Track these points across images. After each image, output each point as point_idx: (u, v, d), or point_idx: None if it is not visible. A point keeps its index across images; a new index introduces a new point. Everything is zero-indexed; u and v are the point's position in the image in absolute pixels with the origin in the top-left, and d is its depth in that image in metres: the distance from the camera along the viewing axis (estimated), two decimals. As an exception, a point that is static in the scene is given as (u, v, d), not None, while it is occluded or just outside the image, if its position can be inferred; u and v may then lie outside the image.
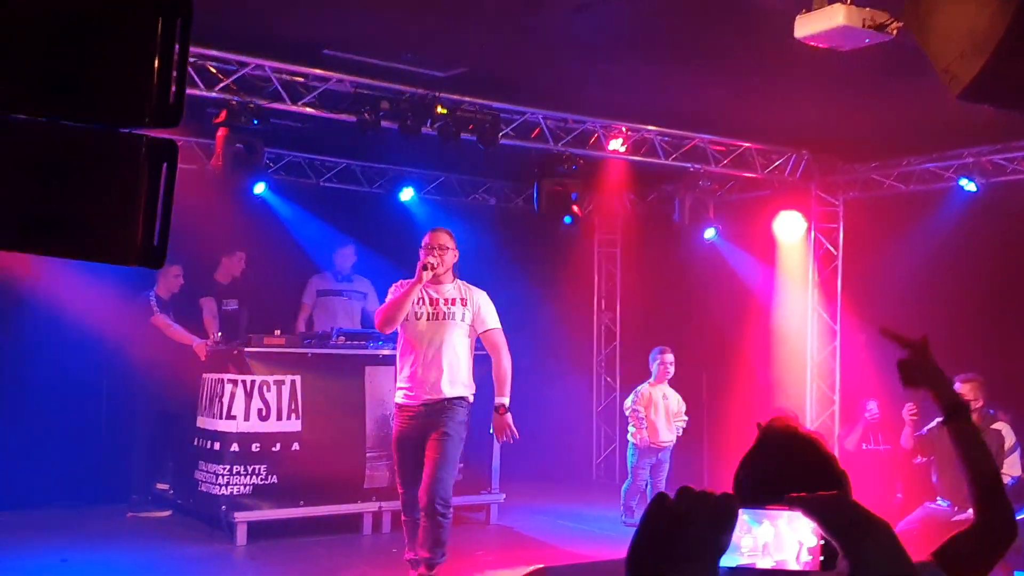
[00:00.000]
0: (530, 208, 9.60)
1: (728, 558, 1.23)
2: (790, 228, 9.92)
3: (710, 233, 9.96)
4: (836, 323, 9.78)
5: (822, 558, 1.31)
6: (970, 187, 8.60)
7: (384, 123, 7.56)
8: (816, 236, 9.87)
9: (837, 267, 9.76)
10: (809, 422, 9.78)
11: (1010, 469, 6.99)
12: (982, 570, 2.13)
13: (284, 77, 7.33)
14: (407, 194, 10.45)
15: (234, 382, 7.57)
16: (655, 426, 8.79)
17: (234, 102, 7.23)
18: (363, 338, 8.25)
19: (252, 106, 7.28)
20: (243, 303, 9.18)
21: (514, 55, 7.08)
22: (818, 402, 9.86)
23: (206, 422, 7.77)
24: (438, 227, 6.44)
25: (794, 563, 1.32)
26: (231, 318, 9.00)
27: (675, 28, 6.31)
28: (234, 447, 7.48)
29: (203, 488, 7.64)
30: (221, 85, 7.16)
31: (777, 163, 9.63)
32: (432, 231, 6.35)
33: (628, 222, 11.75)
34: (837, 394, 9.74)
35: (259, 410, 7.57)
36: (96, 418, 8.91)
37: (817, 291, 9.89)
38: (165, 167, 1.54)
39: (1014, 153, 8.47)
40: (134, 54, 1.50)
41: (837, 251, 9.78)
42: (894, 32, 5.25)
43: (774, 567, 1.33)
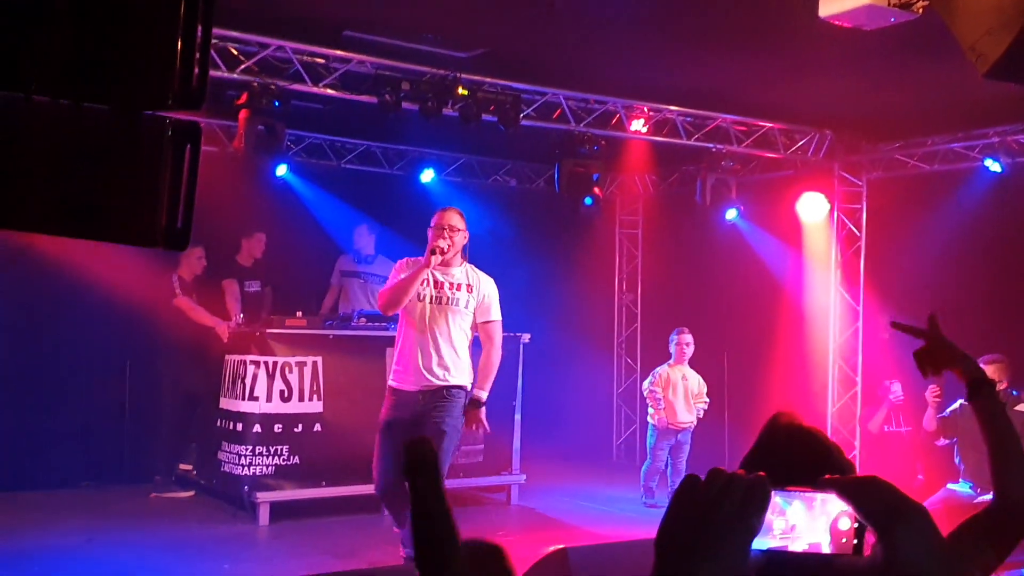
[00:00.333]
0: (551, 189, 9.59)
1: (760, 540, 1.22)
2: (813, 209, 9.84)
3: (732, 214, 9.89)
4: (859, 304, 9.71)
5: (855, 541, 1.30)
6: (995, 167, 8.50)
7: (405, 104, 7.52)
8: (839, 217, 9.79)
9: (860, 248, 9.70)
10: (831, 403, 9.76)
11: (1034, 449, 6.94)
12: (1002, 550, 2.05)
13: (305, 59, 7.32)
14: (428, 175, 10.44)
15: (256, 363, 7.62)
16: (673, 407, 8.78)
17: (255, 84, 7.24)
18: (384, 320, 8.26)
19: (273, 88, 7.29)
20: (265, 284, 9.22)
21: (535, 35, 7.04)
22: (840, 383, 9.82)
23: (229, 403, 7.83)
24: (449, 206, 6.13)
25: (827, 546, 1.31)
26: (253, 300, 9.03)
27: (697, 7, 6.26)
28: (256, 428, 7.54)
29: (226, 469, 7.71)
30: (242, 67, 7.17)
31: (800, 143, 9.56)
32: (442, 210, 6.05)
33: (649, 203, 11.71)
34: (859, 375, 9.69)
35: (281, 391, 7.62)
36: (120, 399, 8.98)
37: (840, 272, 9.83)
38: (189, 149, 1.54)
39: (1040, 133, 8.38)
40: (157, 36, 1.50)
41: (860, 232, 9.70)
42: (920, 11, 5.18)
43: (807, 550, 1.32)
